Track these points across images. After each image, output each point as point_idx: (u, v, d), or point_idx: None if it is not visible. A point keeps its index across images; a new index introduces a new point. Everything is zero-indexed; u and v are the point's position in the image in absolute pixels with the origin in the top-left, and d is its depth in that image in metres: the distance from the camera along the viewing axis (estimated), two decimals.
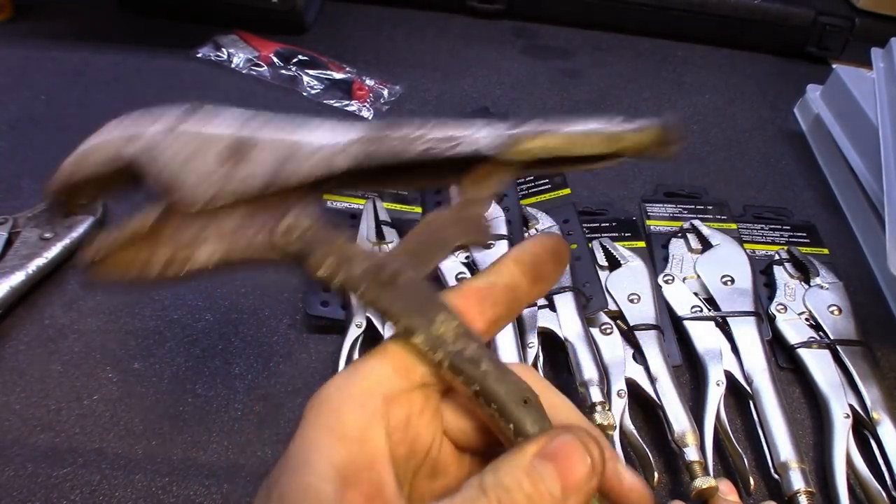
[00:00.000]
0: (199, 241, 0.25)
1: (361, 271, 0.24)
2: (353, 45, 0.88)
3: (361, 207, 0.59)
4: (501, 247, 0.55)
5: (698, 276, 0.57)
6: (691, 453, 0.45)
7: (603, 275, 0.56)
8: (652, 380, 0.49)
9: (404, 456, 0.24)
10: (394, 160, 0.25)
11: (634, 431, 0.47)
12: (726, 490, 0.43)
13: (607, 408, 0.46)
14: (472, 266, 0.55)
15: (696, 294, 0.56)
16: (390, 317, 0.24)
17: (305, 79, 0.79)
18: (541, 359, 0.50)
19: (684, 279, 0.57)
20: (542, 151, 0.26)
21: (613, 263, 0.57)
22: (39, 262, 0.52)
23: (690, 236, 0.61)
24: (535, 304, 0.53)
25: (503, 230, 0.56)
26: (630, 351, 0.51)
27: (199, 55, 0.81)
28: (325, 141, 0.26)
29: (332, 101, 0.77)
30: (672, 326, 0.54)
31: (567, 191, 0.64)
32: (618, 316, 0.53)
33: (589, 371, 0.48)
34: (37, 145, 0.66)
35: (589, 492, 0.21)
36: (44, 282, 0.53)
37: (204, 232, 0.25)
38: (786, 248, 0.61)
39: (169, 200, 0.25)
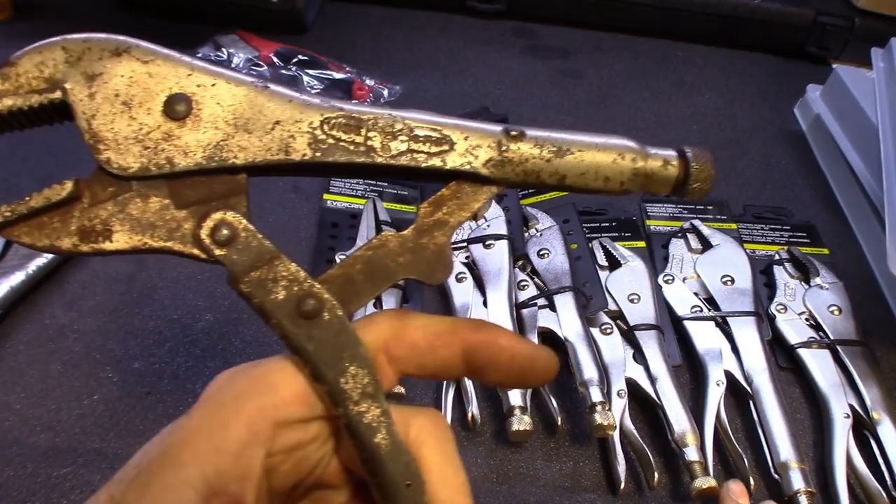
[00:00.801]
0: (115, 220, 0.22)
1: (283, 297, 0.22)
2: (353, 45, 0.88)
3: (361, 207, 0.59)
4: (501, 247, 0.55)
5: (698, 276, 0.57)
6: (691, 453, 0.45)
7: (603, 275, 0.56)
8: (652, 380, 0.49)
9: (285, 471, 0.23)
10: (364, 161, 0.23)
11: (634, 431, 0.47)
12: (738, 491, 0.43)
13: (607, 408, 0.46)
14: (472, 266, 0.55)
15: (696, 294, 0.56)
16: (300, 355, 0.23)
17: (305, 79, 0.79)
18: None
19: (684, 279, 0.57)
20: (550, 177, 0.24)
21: (613, 263, 0.57)
22: (39, 262, 0.52)
23: (690, 236, 0.61)
24: (535, 304, 0.53)
25: (503, 230, 0.56)
26: (630, 351, 0.51)
27: (199, 55, 0.81)
28: (285, 114, 0.23)
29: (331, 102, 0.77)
30: (672, 326, 0.54)
31: None
32: (618, 316, 0.53)
33: (589, 371, 0.48)
34: (37, 145, 0.66)
35: None
36: (44, 282, 0.53)
37: (122, 210, 0.22)
38: (786, 248, 0.61)
39: (93, 156, 0.22)
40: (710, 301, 0.55)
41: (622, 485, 0.45)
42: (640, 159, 0.25)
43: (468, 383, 0.48)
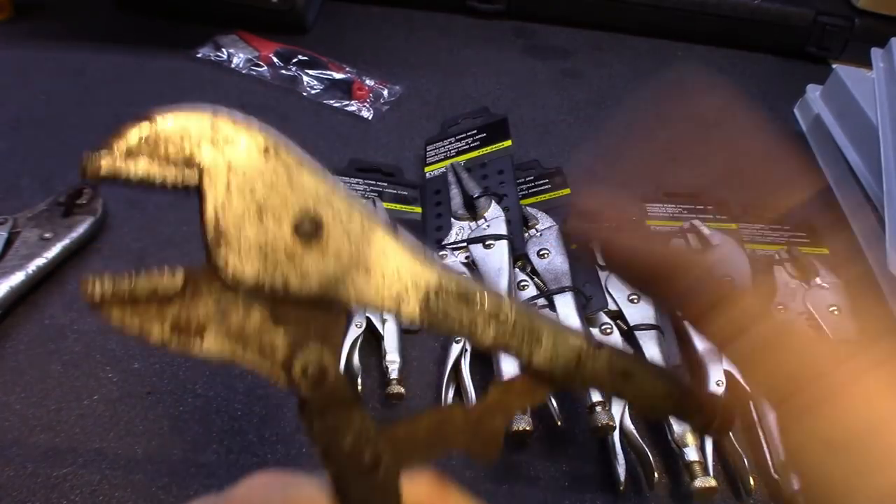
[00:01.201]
0: (213, 323, 0.21)
1: (349, 448, 0.22)
2: (353, 45, 0.88)
3: None
4: (501, 247, 0.55)
5: None
6: (691, 453, 0.45)
7: (603, 275, 0.56)
8: None
9: None
10: (465, 337, 0.23)
11: (634, 431, 0.47)
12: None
13: (607, 408, 0.46)
14: (472, 266, 0.55)
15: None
16: (340, 498, 0.22)
17: (305, 79, 0.79)
18: None
19: None
20: (608, 391, 0.25)
21: None
22: (39, 262, 0.52)
23: (690, 236, 0.61)
24: (535, 304, 0.53)
25: (503, 230, 0.56)
26: (630, 351, 0.51)
27: (199, 55, 0.81)
28: (405, 265, 0.22)
29: (332, 102, 0.77)
30: (672, 326, 0.54)
31: (567, 191, 0.64)
32: (618, 316, 0.53)
33: None
34: (37, 145, 0.66)
35: None
36: (44, 282, 0.53)
37: (222, 314, 0.21)
38: (786, 248, 0.61)
39: (210, 252, 0.20)
40: None
41: (622, 485, 0.45)
42: (685, 399, 0.27)
43: (468, 382, 0.48)
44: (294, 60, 0.81)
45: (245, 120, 0.20)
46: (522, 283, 0.54)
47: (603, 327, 0.52)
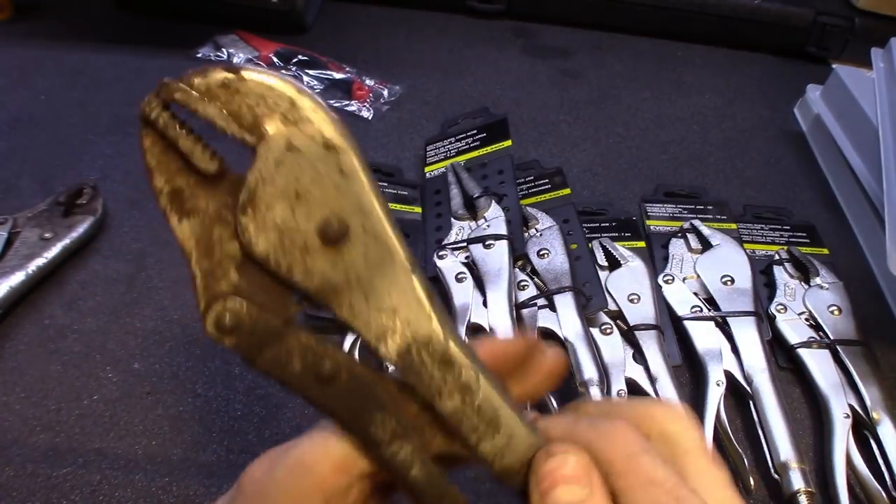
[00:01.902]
0: (195, 215, 0.21)
1: (300, 368, 0.22)
2: (353, 45, 0.88)
3: None
4: (501, 247, 0.55)
5: (698, 276, 0.57)
6: None
7: (603, 275, 0.56)
8: (652, 380, 0.49)
9: None
10: (421, 398, 0.23)
11: None
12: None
13: None
14: (471, 266, 0.55)
15: (696, 294, 0.56)
16: (329, 415, 0.23)
17: (305, 79, 0.79)
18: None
19: (684, 279, 0.57)
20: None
21: (613, 263, 0.57)
22: (39, 262, 0.52)
23: (690, 236, 0.61)
24: (535, 304, 0.53)
25: (503, 230, 0.56)
26: (630, 351, 0.51)
27: (199, 55, 0.81)
28: (403, 308, 0.22)
29: (332, 102, 0.77)
30: (672, 326, 0.54)
31: (567, 191, 0.64)
32: (618, 316, 0.53)
33: (589, 371, 0.48)
34: (37, 145, 0.66)
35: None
36: (44, 282, 0.53)
37: (206, 217, 0.21)
38: (786, 248, 0.61)
39: (236, 209, 0.21)
40: (710, 301, 0.55)
41: None
42: None
43: None
44: (294, 60, 0.81)
45: (324, 108, 0.20)
46: (522, 283, 0.54)
47: (603, 327, 0.52)
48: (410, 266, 0.22)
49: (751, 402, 0.49)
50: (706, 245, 0.60)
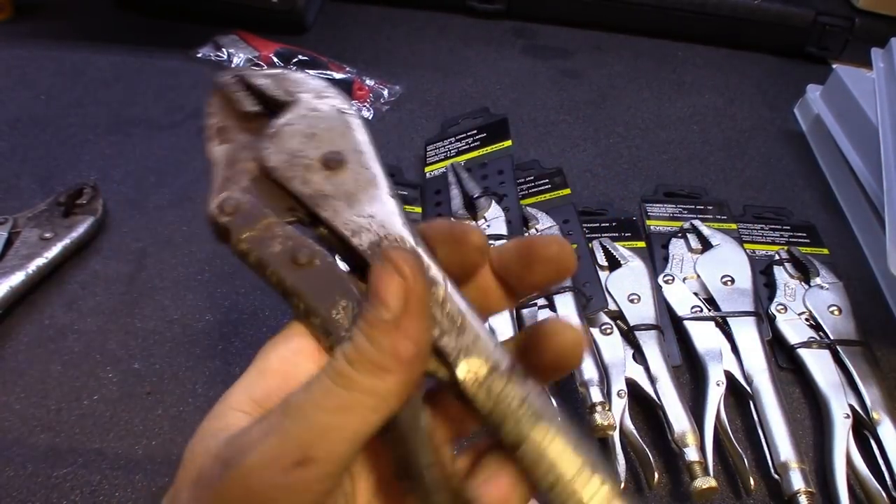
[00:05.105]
0: (232, 141, 0.26)
1: (279, 250, 0.24)
2: (353, 45, 0.88)
3: None
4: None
5: (698, 276, 0.57)
6: (691, 453, 0.45)
7: (603, 275, 0.56)
8: (652, 380, 0.49)
9: None
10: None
11: (634, 431, 0.47)
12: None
13: (607, 408, 0.46)
14: None
15: (696, 294, 0.56)
16: (295, 296, 0.24)
17: None
18: None
19: (684, 279, 0.57)
20: (507, 435, 0.23)
21: (613, 263, 0.57)
22: (39, 262, 0.52)
23: (690, 236, 0.61)
24: (535, 304, 0.53)
25: (503, 230, 0.56)
26: (630, 351, 0.51)
27: (199, 55, 0.81)
28: (377, 210, 0.25)
29: None
30: (672, 326, 0.54)
31: (567, 191, 0.64)
32: (618, 316, 0.53)
33: (589, 371, 0.48)
34: (37, 145, 0.66)
35: (416, 294, 0.22)
36: (44, 282, 0.53)
37: (241, 150, 0.26)
38: (786, 248, 0.61)
39: (265, 132, 0.26)
40: (710, 301, 0.55)
41: (622, 485, 0.45)
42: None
43: None
44: (294, 60, 0.81)
45: (343, 94, 0.28)
46: None
47: (603, 327, 0.52)
48: (391, 192, 0.26)
49: (751, 403, 0.49)
50: (706, 245, 0.60)
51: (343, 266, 0.25)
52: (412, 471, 0.23)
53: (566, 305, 0.52)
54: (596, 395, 0.47)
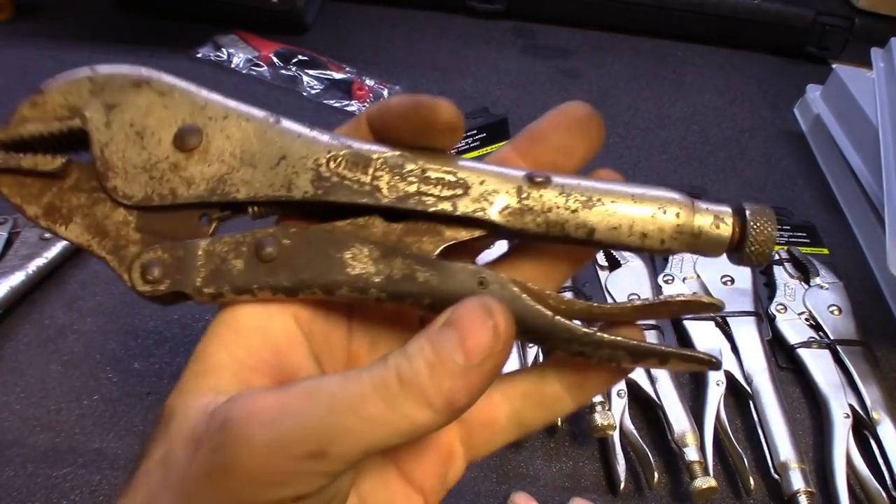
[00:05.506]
0: (79, 213, 0.22)
1: (242, 265, 0.22)
2: (353, 45, 0.88)
3: None
4: (501, 246, 0.55)
5: (698, 276, 0.57)
6: (691, 453, 0.45)
7: (603, 275, 0.56)
8: (652, 380, 0.49)
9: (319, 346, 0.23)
10: (367, 202, 0.22)
11: (634, 431, 0.47)
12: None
13: (607, 408, 0.46)
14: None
15: (695, 294, 0.56)
16: (307, 288, 0.22)
17: (305, 79, 0.79)
18: (541, 359, 0.50)
19: (684, 279, 0.57)
20: (577, 230, 0.22)
21: (613, 263, 0.57)
22: (39, 262, 0.52)
23: None
24: None
25: None
26: None
27: (199, 55, 0.81)
28: (291, 150, 0.22)
29: (332, 102, 0.77)
30: (672, 326, 0.54)
31: None
32: None
33: None
34: None
35: (496, 358, 0.20)
36: (44, 282, 0.53)
37: (91, 207, 0.22)
38: (786, 248, 0.61)
39: (101, 183, 0.22)
40: None
41: (622, 485, 0.45)
42: (686, 214, 0.22)
43: None
44: (294, 60, 0.81)
45: (117, 67, 0.24)
46: None
47: None
48: (275, 119, 0.22)
49: (751, 402, 0.49)
50: None
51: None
52: (539, 335, 0.22)
53: None
54: (595, 395, 0.47)
